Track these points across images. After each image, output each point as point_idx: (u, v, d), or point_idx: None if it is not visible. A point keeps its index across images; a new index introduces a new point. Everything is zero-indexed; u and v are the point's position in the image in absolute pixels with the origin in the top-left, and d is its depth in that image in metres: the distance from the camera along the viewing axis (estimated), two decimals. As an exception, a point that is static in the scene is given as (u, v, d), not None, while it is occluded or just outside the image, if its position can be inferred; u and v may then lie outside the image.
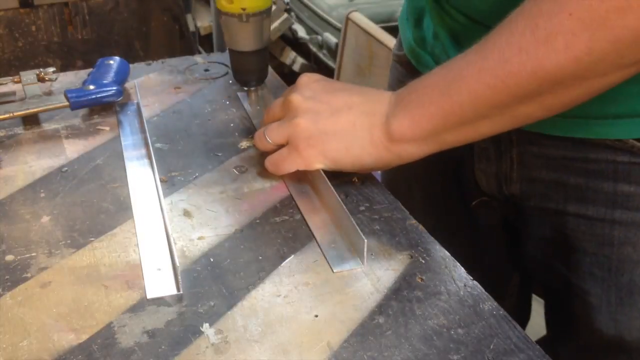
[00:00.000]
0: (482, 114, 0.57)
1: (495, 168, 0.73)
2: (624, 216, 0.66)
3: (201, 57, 0.97)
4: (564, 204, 0.69)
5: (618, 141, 0.63)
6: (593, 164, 0.65)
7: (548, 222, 0.72)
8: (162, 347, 0.50)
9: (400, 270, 0.57)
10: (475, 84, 0.56)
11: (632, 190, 0.64)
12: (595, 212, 0.67)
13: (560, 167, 0.68)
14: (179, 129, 0.78)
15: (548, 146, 0.68)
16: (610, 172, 0.65)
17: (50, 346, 0.50)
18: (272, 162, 0.67)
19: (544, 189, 0.70)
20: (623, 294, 0.68)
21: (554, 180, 0.69)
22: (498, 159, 0.72)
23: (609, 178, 0.65)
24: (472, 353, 0.49)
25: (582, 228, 0.68)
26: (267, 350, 0.50)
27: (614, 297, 0.69)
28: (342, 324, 0.52)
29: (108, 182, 0.69)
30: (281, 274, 0.57)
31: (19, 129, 0.78)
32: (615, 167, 0.64)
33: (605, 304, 0.69)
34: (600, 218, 0.67)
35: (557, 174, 0.68)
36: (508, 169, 0.72)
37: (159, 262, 0.58)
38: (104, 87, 0.80)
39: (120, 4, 1.87)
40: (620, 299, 0.68)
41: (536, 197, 0.71)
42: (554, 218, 0.71)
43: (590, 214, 0.67)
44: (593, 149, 0.65)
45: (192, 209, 0.65)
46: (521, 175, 0.71)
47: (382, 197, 0.66)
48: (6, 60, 1.85)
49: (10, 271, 0.57)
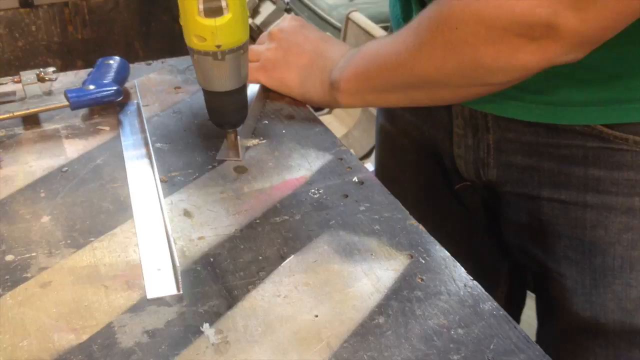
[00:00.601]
0: (385, 89, 0.71)
1: (473, 154, 0.76)
2: (595, 199, 0.68)
3: (201, 57, 0.96)
4: (539, 189, 0.71)
5: (587, 127, 0.66)
6: (564, 149, 0.68)
7: (524, 207, 0.74)
8: (162, 347, 0.50)
9: (400, 270, 0.57)
10: (381, 65, 0.69)
11: (602, 174, 0.67)
12: (568, 196, 0.69)
13: (534, 152, 0.70)
14: (179, 129, 0.78)
15: (522, 132, 0.71)
16: (580, 157, 0.67)
17: (50, 346, 0.50)
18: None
19: (519, 174, 0.73)
20: (597, 275, 0.70)
21: (529, 166, 0.71)
22: (475, 145, 0.75)
23: (579, 163, 0.68)
24: (472, 353, 0.49)
25: (556, 212, 0.71)
26: (267, 350, 0.50)
27: (588, 279, 0.71)
28: (342, 324, 0.52)
29: (108, 182, 0.69)
30: (281, 274, 0.57)
31: (19, 129, 0.78)
32: (585, 152, 0.67)
33: (580, 287, 0.71)
34: (572, 202, 0.69)
35: (532, 159, 0.71)
36: (485, 154, 0.75)
37: (159, 262, 0.58)
38: (104, 87, 0.80)
39: (120, 4, 1.87)
40: (595, 281, 0.70)
41: (512, 182, 0.74)
42: (529, 203, 0.73)
43: (564, 197, 0.70)
44: (564, 135, 0.68)
45: (192, 209, 0.65)
46: (497, 160, 0.74)
47: (382, 197, 0.66)
48: (6, 60, 1.85)
49: (10, 271, 0.57)
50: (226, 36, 0.65)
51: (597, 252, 0.69)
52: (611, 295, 0.70)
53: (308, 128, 0.78)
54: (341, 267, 0.58)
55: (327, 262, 0.58)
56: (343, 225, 0.63)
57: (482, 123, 0.73)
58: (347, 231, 0.62)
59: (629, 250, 0.68)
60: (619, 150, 0.66)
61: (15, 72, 0.84)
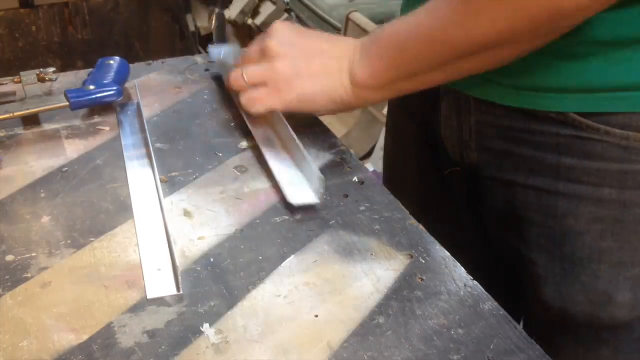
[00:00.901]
0: (429, 68, 0.66)
1: (457, 136, 0.76)
2: (566, 188, 0.68)
3: (201, 57, 0.97)
4: (514, 174, 0.72)
5: (561, 114, 0.66)
6: (539, 135, 0.68)
7: (500, 193, 0.74)
8: (162, 347, 0.50)
9: (400, 270, 0.57)
10: (420, 44, 0.65)
11: (574, 163, 0.67)
12: (541, 183, 0.70)
13: (511, 137, 0.71)
14: (179, 129, 0.78)
15: (501, 116, 0.71)
16: (554, 144, 0.68)
17: (50, 346, 0.50)
18: (249, 99, 0.72)
19: (496, 159, 0.73)
20: (566, 265, 0.70)
21: (506, 150, 0.72)
22: (459, 127, 0.75)
23: (552, 150, 0.68)
24: (472, 353, 0.49)
25: (529, 199, 0.71)
26: (267, 350, 0.50)
27: (558, 268, 0.71)
28: (342, 324, 0.52)
29: (108, 182, 0.69)
30: (281, 274, 0.57)
31: (19, 129, 0.78)
32: (558, 139, 0.67)
33: (550, 275, 0.72)
34: (545, 189, 0.69)
35: (508, 144, 0.71)
36: (467, 137, 0.75)
37: (159, 262, 0.58)
38: (104, 87, 0.80)
39: (120, 4, 1.87)
40: (564, 270, 0.71)
41: (490, 166, 0.74)
42: (505, 189, 0.73)
43: (537, 184, 0.70)
44: (539, 122, 0.68)
45: (192, 209, 0.65)
46: (477, 144, 0.74)
47: (382, 197, 0.66)
48: (6, 60, 1.85)
49: (10, 271, 0.57)
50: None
51: (567, 241, 0.70)
52: (579, 287, 0.70)
53: (308, 128, 0.78)
54: (341, 267, 0.58)
55: (327, 262, 0.58)
56: (343, 225, 0.63)
57: (464, 105, 0.74)
58: (347, 231, 0.62)
59: (598, 241, 0.68)
60: (590, 139, 0.66)
61: (15, 72, 0.84)
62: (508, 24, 0.59)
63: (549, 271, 0.72)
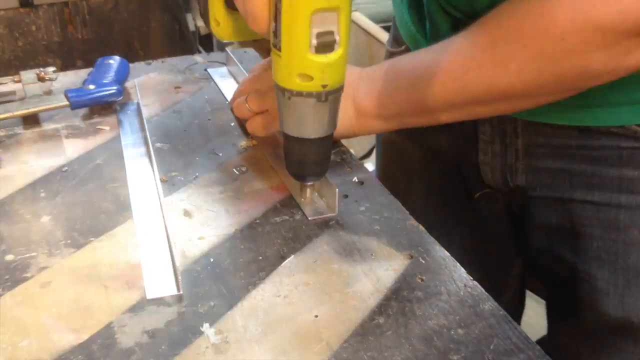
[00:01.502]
0: (441, 108, 0.64)
1: (500, 160, 0.75)
2: (629, 200, 0.68)
3: (201, 57, 0.97)
4: (571, 192, 0.71)
5: (621, 127, 0.66)
6: (598, 150, 0.68)
7: (554, 210, 0.73)
8: (162, 347, 0.50)
9: (400, 270, 0.57)
10: (437, 83, 0.63)
11: (636, 175, 0.67)
12: (601, 198, 0.69)
13: (566, 155, 0.70)
14: (179, 128, 0.78)
15: (553, 136, 0.70)
16: (615, 157, 0.67)
17: (50, 346, 0.50)
18: (255, 126, 0.73)
19: (550, 178, 0.72)
20: (630, 276, 0.70)
21: (560, 169, 0.71)
22: (503, 151, 0.74)
23: (613, 164, 0.67)
24: (472, 353, 0.49)
25: (588, 214, 0.70)
26: (267, 350, 0.50)
27: (621, 279, 0.70)
28: (342, 324, 0.52)
29: (108, 182, 0.69)
30: (281, 274, 0.57)
31: (19, 129, 0.78)
32: (619, 152, 0.67)
33: (612, 287, 0.71)
34: (606, 203, 0.69)
35: (563, 162, 0.70)
36: (513, 160, 0.74)
37: (159, 262, 0.58)
38: (104, 87, 0.80)
39: (120, 4, 1.87)
40: (628, 281, 0.70)
41: (542, 186, 0.73)
42: (560, 206, 0.72)
43: (597, 199, 0.69)
44: (598, 136, 0.67)
45: (192, 209, 0.65)
46: (527, 165, 0.73)
47: (382, 197, 0.66)
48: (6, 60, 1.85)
49: (10, 271, 0.57)
50: (334, 75, 0.57)
51: (631, 252, 0.69)
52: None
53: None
54: (341, 267, 0.58)
55: (327, 262, 0.58)
56: (343, 225, 0.63)
57: (510, 129, 0.72)
58: (347, 231, 0.62)
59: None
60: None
61: (15, 72, 0.84)
62: (535, 76, 0.58)
63: (610, 284, 0.71)
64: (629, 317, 0.71)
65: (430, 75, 0.63)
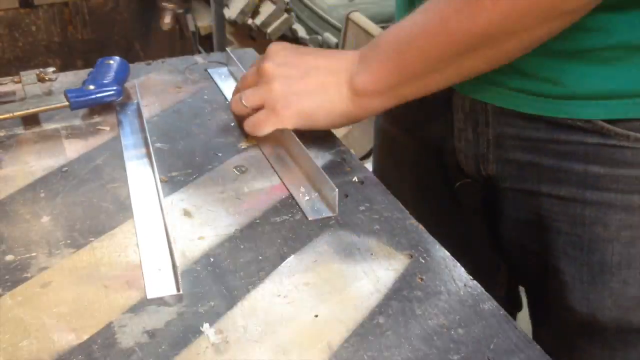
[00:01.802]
0: (431, 68, 0.64)
1: (472, 148, 0.76)
2: (594, 196, 0.68)
3: (201, 57, 0.97)
4: (538, 185, 0.71)
5: (588, 122, 0.66)
6: (565, 145, 0.68)
7: (523, 203, 0.74)
8: (162, 347, 0.50)
9: (400, 270, 0.57)
10: (422, 42, 0.64)
11: (602, 171, 0.67)
12: (567, 193, 0.69)
13: (534, 148, 0.70)
14: (179, 128, 0.78)
15: (522, 127, 0.70)
16: (581, 153, 0.67)
17: (50, 346, 0.50)
18: (251, 124, 0.72)
19: (518, 170, 0.73)
20: (595, 272, 0.70)
21: (528, 162, 0.71)
22: (475, 139, 0.75)
23: (579, 159, 0.68)
24: (472, 353, 0.49)
25: (555, 208, 0.71)
26: (267, 350, 0.50)
27: (585, 276, 0.71)
28: (342, 324, 0.52)
29: (108, 182, 0.69)
30: (281, 274, 0.57)
31: (19, 129, 0.78)
32: (585, 148, 0.67)
33: (578, 283, 0.71)
34: (572, 198, 0.69)
35: (531, 155, 0.71)
36: (485, 149, 0.75)
37: (159, 262, 0.58)
38: (104, 87, 0.80)
39: (120, 4, 1.87)
40: (592, 278, 0.70)
41: (511, 178, 0.74)
42: (528, 199, 0.73)
43: (563, 194, 0.70)
44: (565, 131, 0.67)
45: (192, 209, 0.65)
46: (497, 156, 0.74)
47: (382, 197, 0.66)
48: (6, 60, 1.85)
49: (10, 271, 0.57)
50: None
51: (596, 249, 0.69)
52: (608, 293, 0.70)
53: (308, 129, 0.78)
54: (341, 267, 0.58)
55: (327, 262, 0.58)
56: (343, 225, 0.63)
57: (481, 117, 0.73)
58: (347, 231, 0.62)
59: (628, 247, 0.68)
60: (619, 147, 0.65)
61: (15, 72, 0.84)
62: (510, 5, 0.58)
63: (576, 279, 0.71)
64: (594, 314, 0.71)
65: (414, 37, 0.64)
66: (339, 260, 0.58)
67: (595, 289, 0.71)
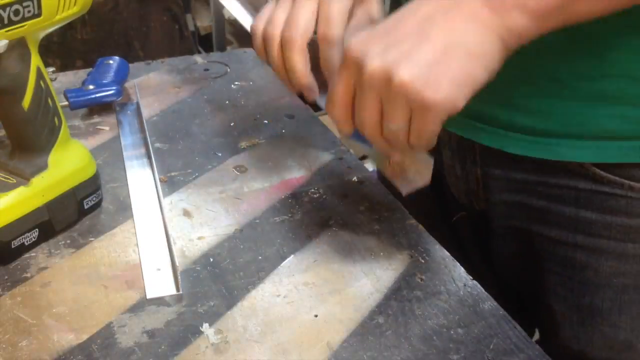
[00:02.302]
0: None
1: (463, 185, 0.73)
2: (585, 241, 0.65)
3: (201, 57, 0.97)
4: (528, 224, 0.69)
5: (579, 166, 0.62)
6: (554, 188, 0.65)
7: (514, 239, 0.72)
8: (162, 347, 0.50)
9: (400, 270, 0.57)
10: None
11: (594, 217, 0.63)
12: (558, 234, 0.66)
13: (522, 190, 0.67)
14: (178, 128, 0.78)
15: (510, 168, 0.67)
16: (572, 198, 0.64)
17: (50, 346, 0.50)
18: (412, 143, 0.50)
19: (508, 209, 0.70)
20: (584, 314, 0.68)
21: (517, 202, 0.68)
22: (464, 176, 0.72)
23: (570, 203, 0.64)
24: (472, 353, 0.49)
25: (546, 248, 0.68)
26: (267, 350, 0.50)
27: (575, 317, 0.69)
28: (342, 324, 0.52)
29: (108, 182, 0.69)
30: (281, 274, 0.57)
31: (18, 129, 0.78)
32: (577, 193, 0.63)
33: (568, 322, 0.69)
34: (562, 241, 0.66)
35: (520, 196, 0.68)
36: (475, 186, 0.72)
37: (159, 262, 0.58)
38: (104, 87, 0.80)
39: (120, 4, 1.87)
40: (582, 320, 0.68)
41: (502, 216, 0.71)
42: (519, 236, 0.70)
43: (553, 235, 0.67)
44: (554, 174, 0.64)
45: (192, 209, 0.65)
46: (486, 194, 0.71)
47: (382, 197, 0.66)
48: (6, 60, 1.84)
49: (10, 271, 0.57)
50: None
51: (586, 292, 0.67)
52: (599, 335, 0.68)
53: (308, 128, 0.78)
54: (341, 267, 0.58)
55: (327, 262, 0.58)
56: (343, 225, 0.63)
57: (469, 155, 0.70)
58: (347, 231, 0.62)
59: (619, 294, 0.66)
60: (612, 194, 0.61)
61: (15, 72, 0.84)
62: None
63: (566, 318, 0.69)
64: (584, 350, 0.69)
65: None
66: (338, 260, 0.58)
67: (585, 330, 0.68)
